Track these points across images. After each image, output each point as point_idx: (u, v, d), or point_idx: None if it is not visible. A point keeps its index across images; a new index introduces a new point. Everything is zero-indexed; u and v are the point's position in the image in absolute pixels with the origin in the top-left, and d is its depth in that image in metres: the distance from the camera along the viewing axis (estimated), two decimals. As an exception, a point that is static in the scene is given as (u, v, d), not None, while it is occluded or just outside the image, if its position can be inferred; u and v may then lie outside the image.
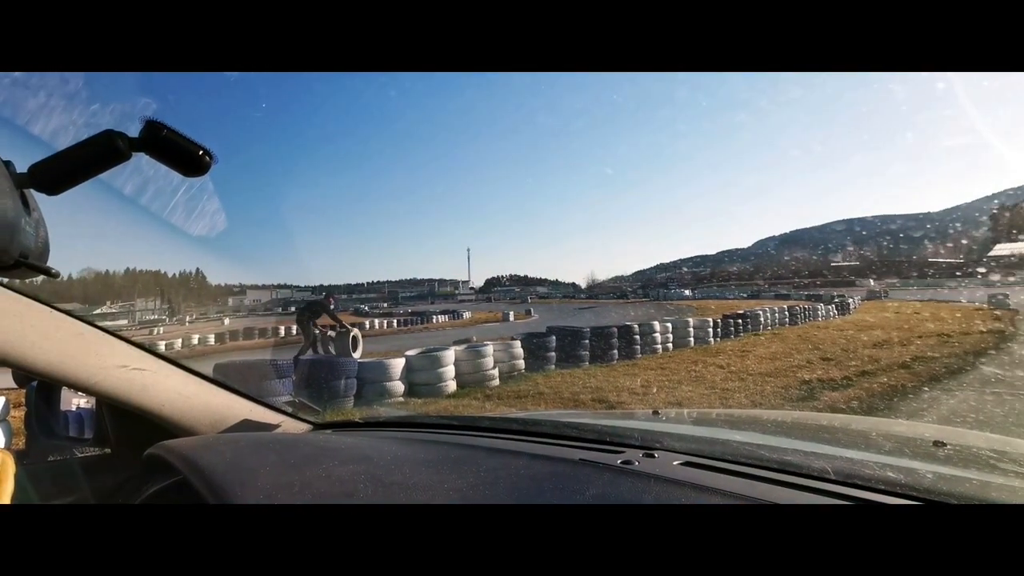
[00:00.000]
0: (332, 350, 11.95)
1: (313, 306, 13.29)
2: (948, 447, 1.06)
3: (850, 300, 26.00)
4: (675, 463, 0.92)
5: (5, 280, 0.97)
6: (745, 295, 62.86)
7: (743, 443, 1.06)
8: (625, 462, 0.93)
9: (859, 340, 12.04)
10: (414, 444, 1.20)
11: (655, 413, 1.74)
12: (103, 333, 1.18)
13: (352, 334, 12.28)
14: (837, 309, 22.35)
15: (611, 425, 1.41)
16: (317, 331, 12.51)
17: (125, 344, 1.24)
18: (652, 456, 0.96)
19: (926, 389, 6.67)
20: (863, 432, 1.47)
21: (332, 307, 13.27)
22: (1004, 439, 1.60)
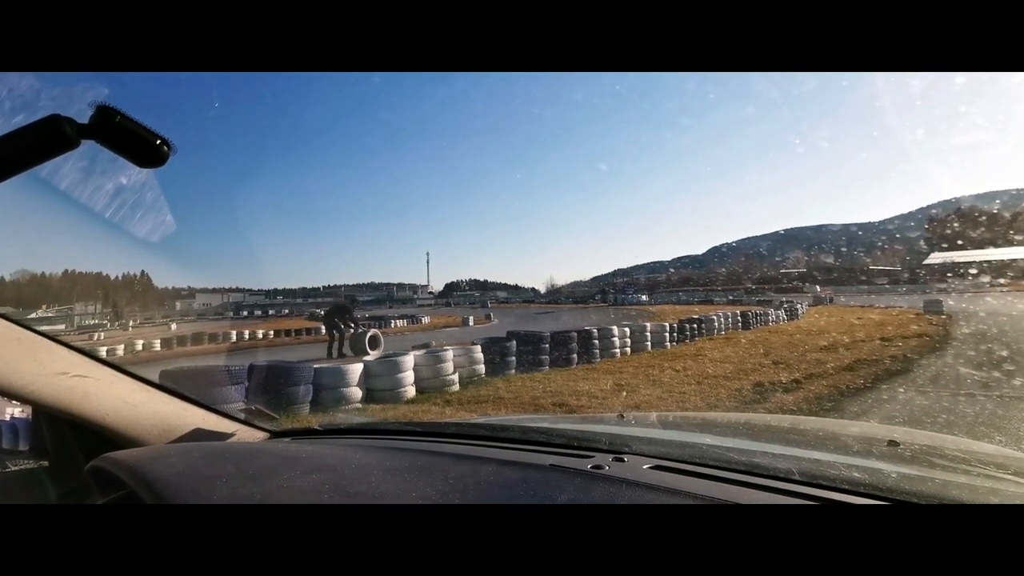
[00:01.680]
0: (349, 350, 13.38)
1: (339, 308, 15.11)
2: (902, 446, 1.10)
3: (798, 305, 26.88)
4: (645, 467, 0.92)
5: None
6: (700, 300, 64.48)
7: (711, 446, 1.08)
8: (595, 466, 0.93)
9: (807, 344, 12.53)
10: (378, 452, 1.17)
11: (620, 416, 1.75)
12: (41, 338, 1.11)
13: (371, 333, 13.76)
14: (786, 314, 23.14)
15: (579, 429, 1.41)
16: (348, 330, 14.13)
17: (65, 349, 1.16)
18: (622, 460, 0.96)
19: (870, 390, 6.99)
20: (821, 432, 1.52)
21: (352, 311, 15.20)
22: (943, 436, 1.69)
